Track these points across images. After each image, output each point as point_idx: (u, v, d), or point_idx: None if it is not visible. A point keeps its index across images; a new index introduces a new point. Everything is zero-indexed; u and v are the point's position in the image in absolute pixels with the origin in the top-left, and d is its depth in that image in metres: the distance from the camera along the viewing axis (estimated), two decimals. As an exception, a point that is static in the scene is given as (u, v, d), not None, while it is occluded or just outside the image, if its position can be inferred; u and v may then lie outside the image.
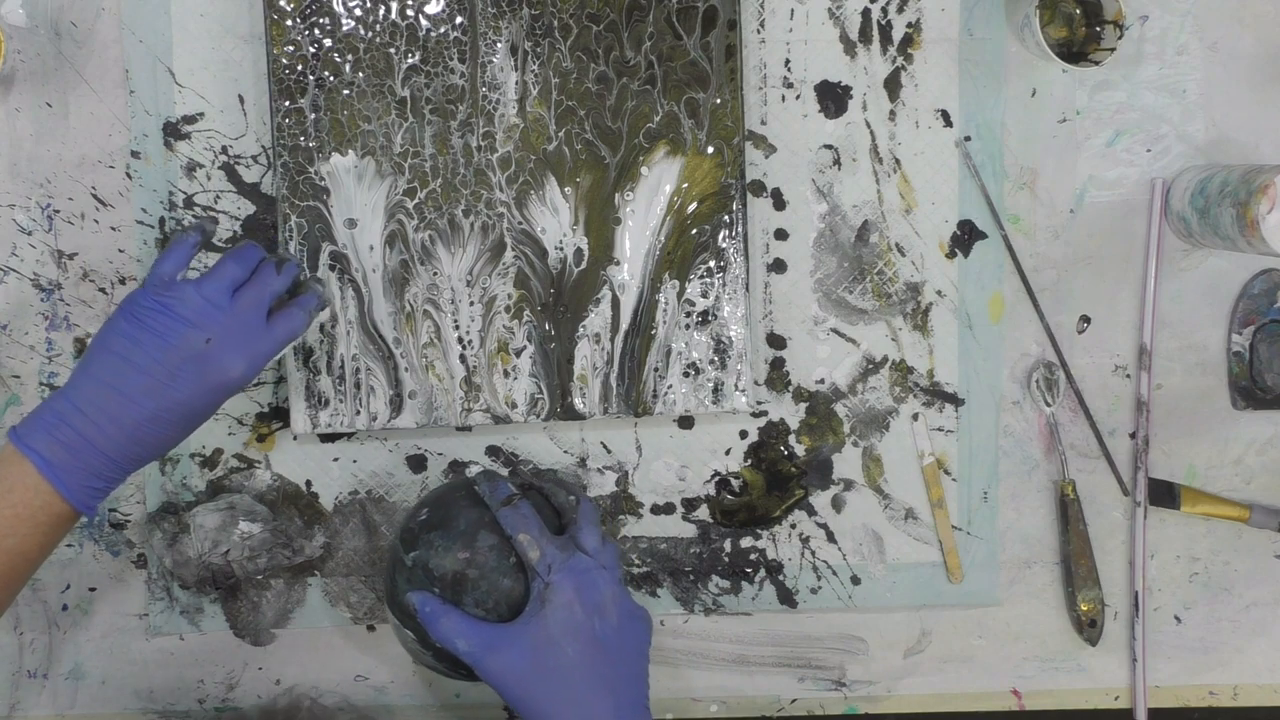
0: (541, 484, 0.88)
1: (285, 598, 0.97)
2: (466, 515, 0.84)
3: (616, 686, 0.81)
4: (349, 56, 0.91)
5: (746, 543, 0.97)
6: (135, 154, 0.94)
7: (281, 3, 0.91)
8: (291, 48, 0.91)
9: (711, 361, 0.93)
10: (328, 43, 0.91)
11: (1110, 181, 0.95)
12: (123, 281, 0.95)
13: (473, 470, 0.90)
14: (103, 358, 0.78)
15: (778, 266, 0.95)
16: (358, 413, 0.93)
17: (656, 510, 0.96)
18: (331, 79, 0.91)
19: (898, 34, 0.94)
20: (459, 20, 0.91)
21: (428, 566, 0.84)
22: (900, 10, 0.94)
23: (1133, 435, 0.97)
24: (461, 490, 0.87)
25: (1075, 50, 0.92)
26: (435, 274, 0.92)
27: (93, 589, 0.97)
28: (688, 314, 0.93)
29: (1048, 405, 0.96)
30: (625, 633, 0.82)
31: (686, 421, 0.96)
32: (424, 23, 0.91)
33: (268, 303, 0.82)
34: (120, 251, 0.95)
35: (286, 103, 0.91)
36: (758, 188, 0.95)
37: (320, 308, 0.86)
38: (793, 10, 0.94)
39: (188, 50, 0.93)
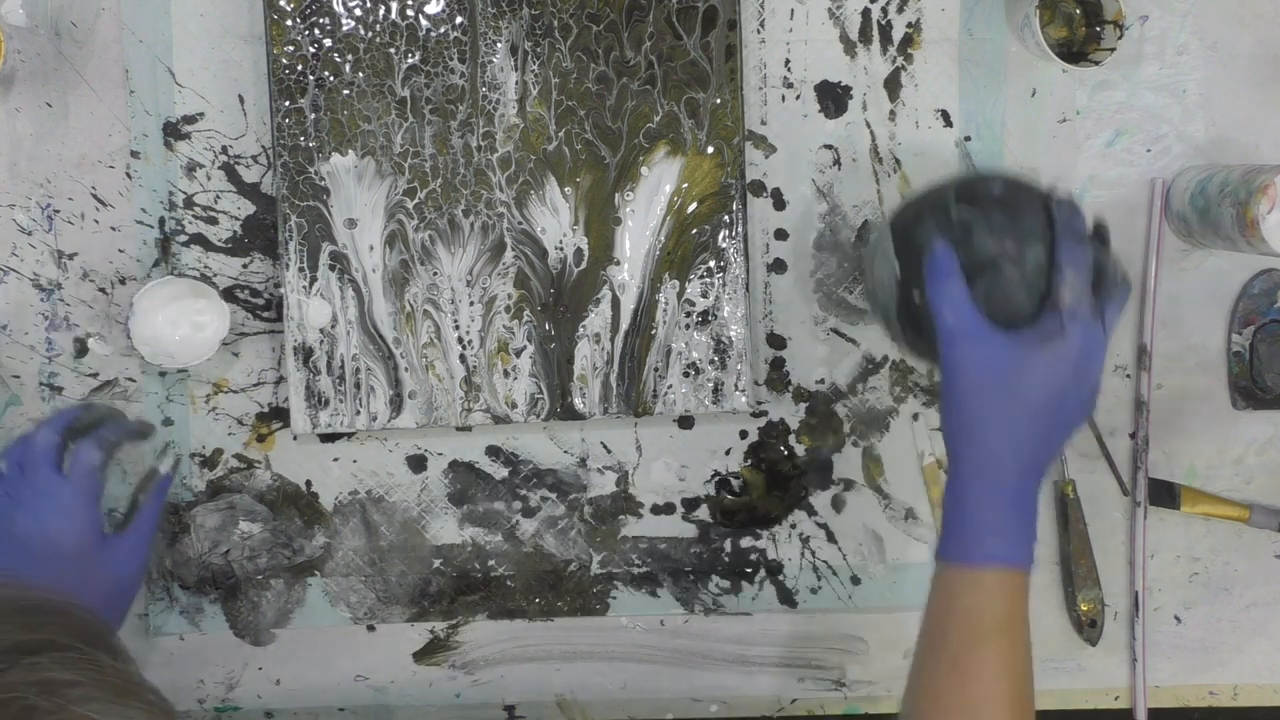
0: (1101, 241, 0.81)
1: (285, 598, 0.97)
2: (1035, 219, 0.78)
3: (1052, 435, 0.77)
4: (349, 56, 0.91)
5: (746, 543, 0.97)
6: (135, 154, 0.94)
7: (281, 3, 0.91)
8: (291, 48, 0.91)
9: (711, 361, 0.93)
10: (328, 43, 0.91)
11: (1110, 181, 0.95)
12: (122, 281, 0.95)
13: (1061, 192, 0.81)
14: None
15: (778, 266, 0.95)
16: (358, 413, 0.93)
17: (656, 510, 0.96)
18: (331, 79, 0.91)
19: (898, 34, 0.94)
20: (459, 20, 0.91)
21: (971, 231, 0.78)
22: (900, 10, 0.94)
23: (1133, 435, 0.97)
24: (1039, 195, 0.80)
25: (1075, 50, 0.92)
26: (435, 274, 0.92)
27: (93, 589, 0.97)
28: (688, 314, 0.93)
29: (1048, 405, 0.96)
30: (1084, 413, 0.79)
31: (686, 421, 0.96)
32: (424, 23, 0.91)
33: (49, 458, 0.84)
34: (120, 251, 0.95)
35: (286, 103, 0.91)
36: (758, 188, 0.95)
37: (132, 434, 0.89)
38: (793, 10, 0.94)
39: (188, 50, 0.93)
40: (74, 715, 0.55)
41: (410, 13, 0.91)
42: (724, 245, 0.93)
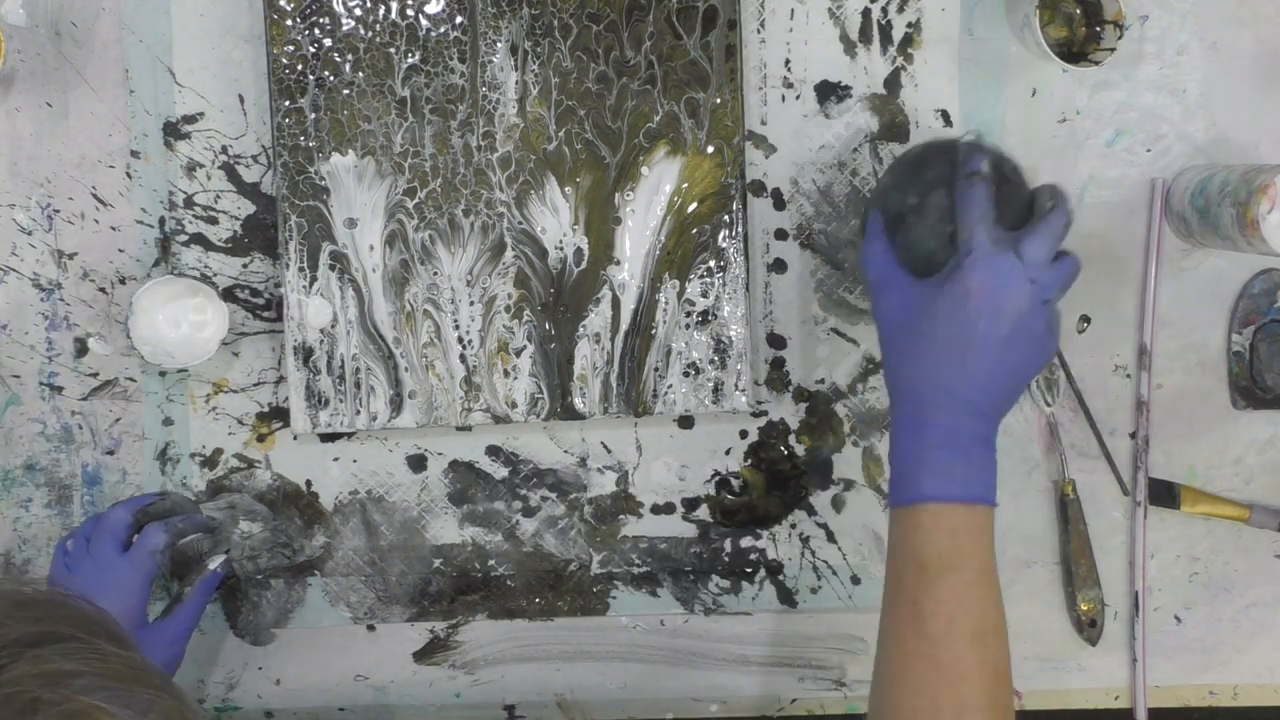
0: (1019, 176, 0.83)
1: (285, 598, 0.97)
2: (937, 169, 0.82)
3: (968, 373, 0.77)
4: (349, 56, 0.91)
5: (746, 543, 0.97)
6: (135, 154, 0.94)
7: (281, 3, 0.91)
8: (291, 47, 0.91)
9: (711, 361, 0.93)
10: (328, 43, 0.91)
11: (1110, 181, 0.95)
12: (122, 281, 0.95)
13: (968, 136, 0.84)
14: None
15: (778, 266, 0.95)
16: (358, 412, 0.93)
17: (656, 510, 0.96)
18: (331, 79, 0.91)
19: (898, 34, 0.94)
20: (459, 20, 0.91)
21: (886, 194, 0.84)
22: (900, 10, 0.94)
23: (1133, 435, 0.97)
24: (949, 145, 0.83)
25: (1075, 50, 0.92)
26: (435, 274, 0.92)
27: (93, 589, 0.97)
28: (688, 314, 0.93)
29: (1048, 405, 0.96)
30: (1012, 348, 0.77)
31: (686, 421, 0.96)
32: (424, 23, 0.91)
33: (117, 536, 0.87)
34: (120, 251, 0.95)
35: (286, 103, 0.91)
36: (758, 188, 0.95)
37: (201, 527, 0.93)
38: (793, 10, 0.94)
39: (188, 50, 0.93)
40: (80, 705, 0.55)
41: (410, 13, 0.91)
42: (724, 245, 0.93)
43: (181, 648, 0.89)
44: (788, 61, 0.94)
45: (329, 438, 0.96)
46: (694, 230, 0.93)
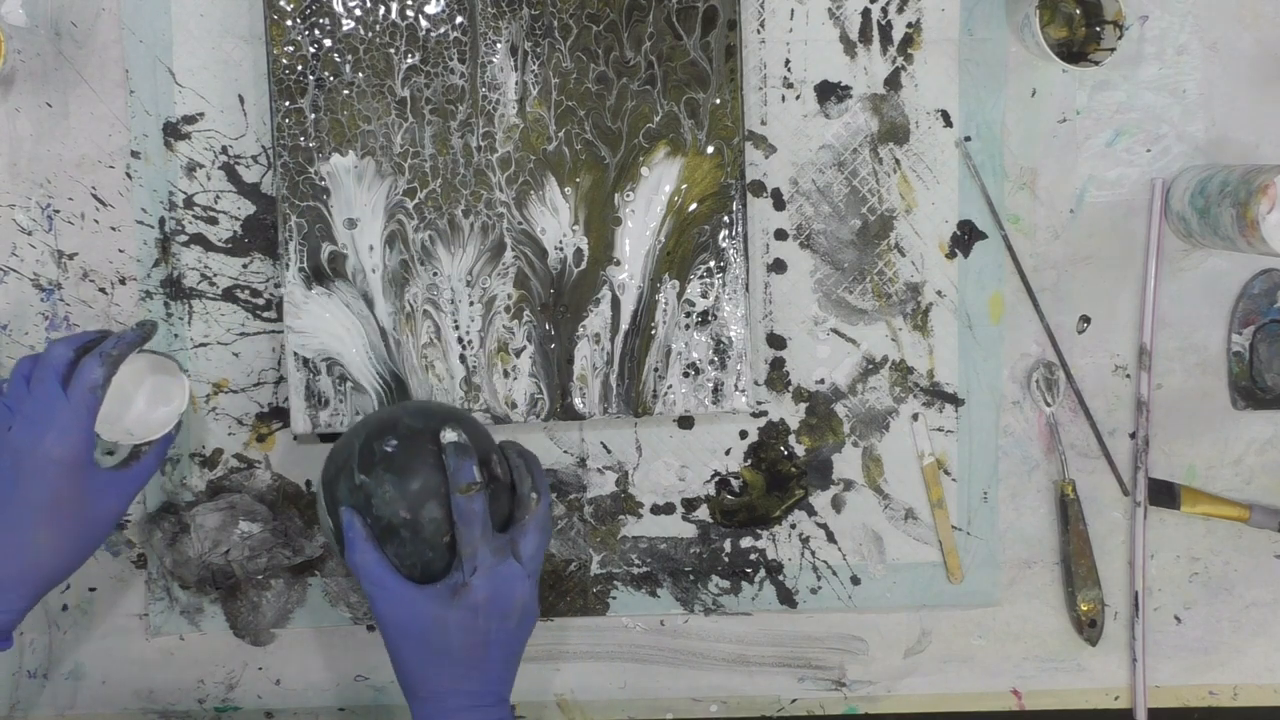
0: (510, 469, 0.84)
1: (285, 598, 0.97)
2: (425, 477, 0.81)
3: (488, 673, 0.82)
4: (349, 56, 0.91)
5: (746, 543, 0.97)
6: (135, 154, 0.94)
7: (281, 3, 0.91)
8: (291, 48, 0.91)
9: (711, 361, 0.93)
10: (328, 43, 0.91)
11: (1110, 181, 0.95)
12: (122, 281, 0.95)
13: (449, 435, 0.82)
14: None
15: (778, 266, 0.95)
16: (357, 413, 0.93)
17: (656, 510, 0.96)
18: (331, 79, 0.91)
19: (898, 34, 0.94)
20: (459, 20, 0.91)
21: (370, 500, 0.81)
22: (900, 10, 0.94)
23: (1133, 435, 0.97)
24: (430, 449, 0.82)
25: (1075, 50, 0.92)
26: (435, 274, 0.92)
27: (93, 589, 0.97)
28: (687, 314, 0.93)
29: (1048, 405, 0.96)
30: (519, 630, 0.83)
31: (686, 421, 0.96)
32: (424, 23, 0.91)
33: (58, 372, 0.81)
34: (120, 251, 0.95)
35: (286, 103, 0.91)
36: (758, 188, 0.95)
37: (132, 344, 0.83)
38: (793, 10, 0.94)
39: (188, 50, 0.93)
40: None
41: (410, 13, 0.91)
42: (724, 245, 0.93)
43: (128, 500, 0.85)
44: (788, 61, 0.94)
45: (329, 438, 0.96)
46: (694, 230, 0.93)
